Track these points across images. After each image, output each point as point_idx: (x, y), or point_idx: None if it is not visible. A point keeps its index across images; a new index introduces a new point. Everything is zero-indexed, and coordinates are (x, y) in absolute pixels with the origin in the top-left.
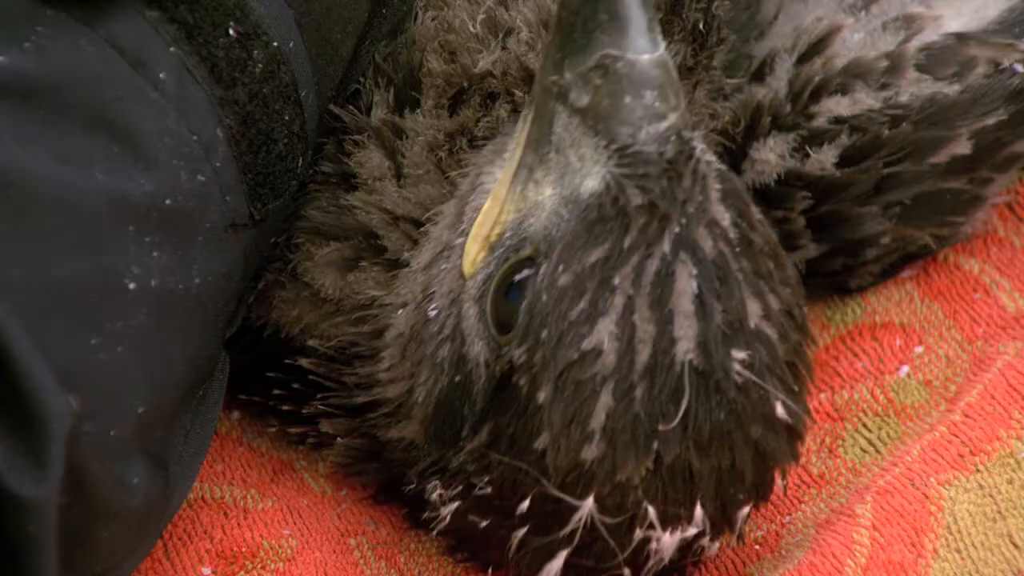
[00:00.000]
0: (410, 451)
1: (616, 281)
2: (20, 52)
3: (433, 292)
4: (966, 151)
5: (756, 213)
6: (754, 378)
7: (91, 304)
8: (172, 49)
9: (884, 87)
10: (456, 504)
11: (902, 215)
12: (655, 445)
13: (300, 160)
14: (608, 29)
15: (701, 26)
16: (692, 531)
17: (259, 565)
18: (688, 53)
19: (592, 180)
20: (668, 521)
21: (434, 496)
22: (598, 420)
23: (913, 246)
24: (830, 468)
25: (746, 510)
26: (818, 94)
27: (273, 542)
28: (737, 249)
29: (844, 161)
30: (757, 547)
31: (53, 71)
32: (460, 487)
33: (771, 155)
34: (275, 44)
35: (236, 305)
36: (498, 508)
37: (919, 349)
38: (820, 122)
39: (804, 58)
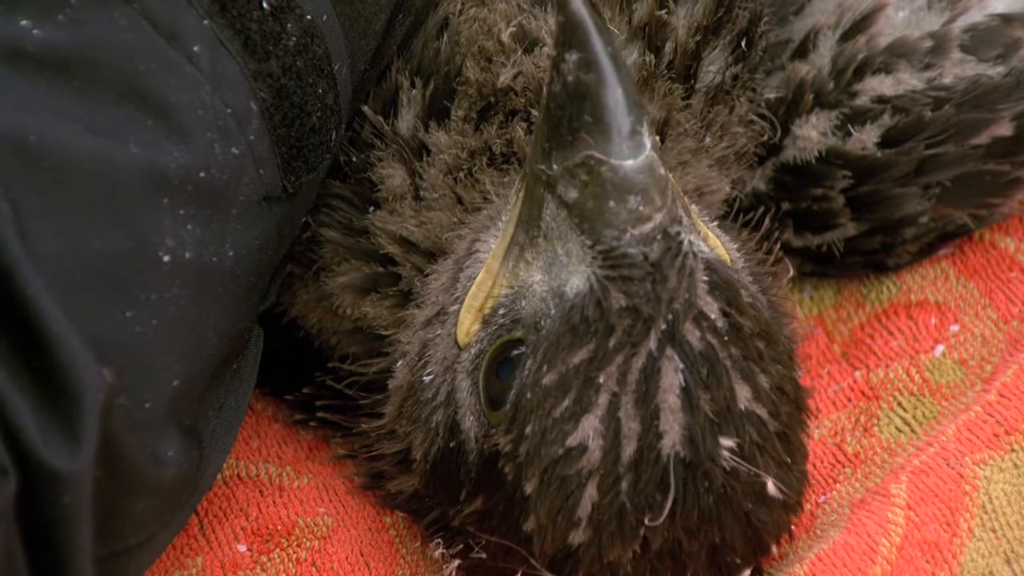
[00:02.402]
0: (414, 503)
1: (601, 380)
2: (54, 25)
3: (429, 356)
4: (1008, 133)
5: (746, 295)
6: (743, 463)
7: (125, 277)
8: (206, 22)
9: (928, 67)
10: (457, 563)
11: (942, 195)
12: (642, 532)
13: (333, 133)
14: (592, 132)
15: (744, 44)
16: None
17: (294, 543)
18: (730, 62)
19: (577, 279)
20: None
21: (437, 553)
22: (584, 510)
23: (951, 226)
24: (865, 447)
25: (746, 572)
26: (861, 72)
27: (309, 520)
28: (726, 338)
29: (886, 142)
30: (792, 527)
31: (87, 44)
32: (460, 547)
33: (813, 132)
34: (308, 17)
35: (269, 279)
36: (494, 574)
37: (955, 328)
38: (863, 101)
39: (848, 35)
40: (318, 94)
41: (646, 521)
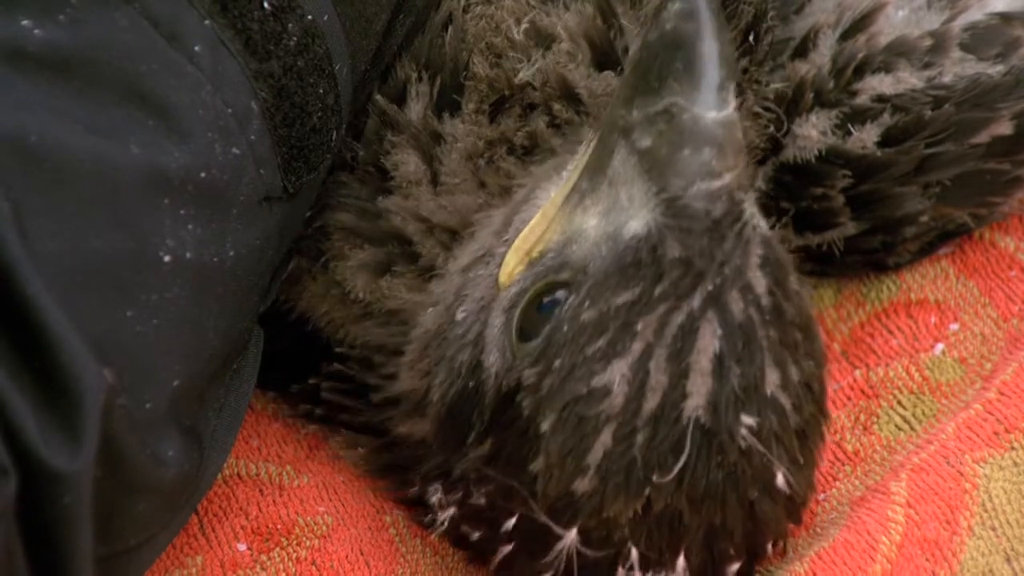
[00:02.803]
0: (418, 449)
1: (639, 327)
2: (55, 25)
3: (466, 295)
4: (1008, 132)
5: (794, 283)
6: (759, 445)
7: (126, 277)
8: (207, 22)
9: (927, 66)
10: (453, 510)
11: (942, 194)
12: (647, 491)
13: (334, 133)
14: (681, 79)
15: (751, 39)
16: None
17: (294, 542)
18: (737, 56)
19: (636, 222)
20: (650, 565)
21: (434, 499)
22: (594, 456)
23: (951, 225)
24: (865, 445)
25: (734, 567)
26: (861, 71)
27: (308, 519)
28: (767, 317)
29: (886, 141)
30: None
31: (88, 44)
32: (459, 494)
33: (813, 131)
34: (309, 17)
35: (270, 279)
36: (488, 521)
37: (954, 326)
38: (863, 99)
39: (848, 34)
40: (319, 94)
41: (653, 479)
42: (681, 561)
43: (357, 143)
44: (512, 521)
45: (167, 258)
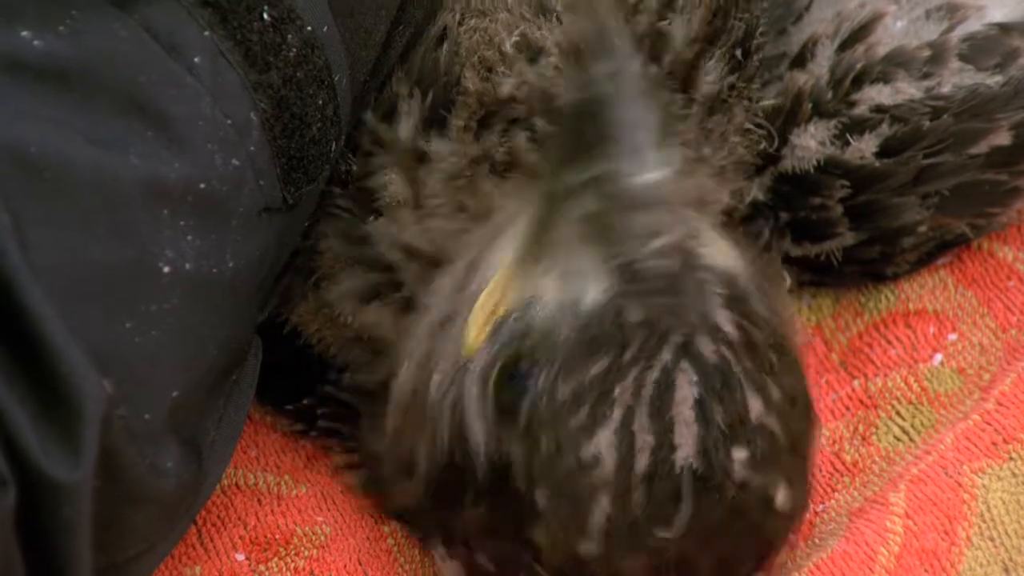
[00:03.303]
0: (415, 509)
1: (616, 393)
2: (55, 36)
3: (435, 362)
4: (1006, 142)
5: (760, 308)
6: (754, 474)
7: (125, 288)
8: (206, 33)
9: (926, 76)
10: (456, 564)
11: (940, 205)
12: (653, 544)
13: (333, 144)
14: (615, 144)
15: (739, 54)
16: None
17: (292, 552)
18: (726, 72)
19: (594, 291)
20: None
21: (437, 553)
22: (596, 522)
23: (950, 235)
24: (863, 456)
25: None
26: (860, 81)
27: (307, 529)
28: (739, 351)
29: (884, 151)
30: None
31: (87, 55)
32: (462, 551)
33: (811, 142)
34: (309, 28)
35: (269, 290)
36: None
37: (952, 337)
38: (861, 110)
39: (846, 44)
40: (318, 105)
41: (657, 534)
42: None
43: (353, 156)
44: None
45: (166, 269)
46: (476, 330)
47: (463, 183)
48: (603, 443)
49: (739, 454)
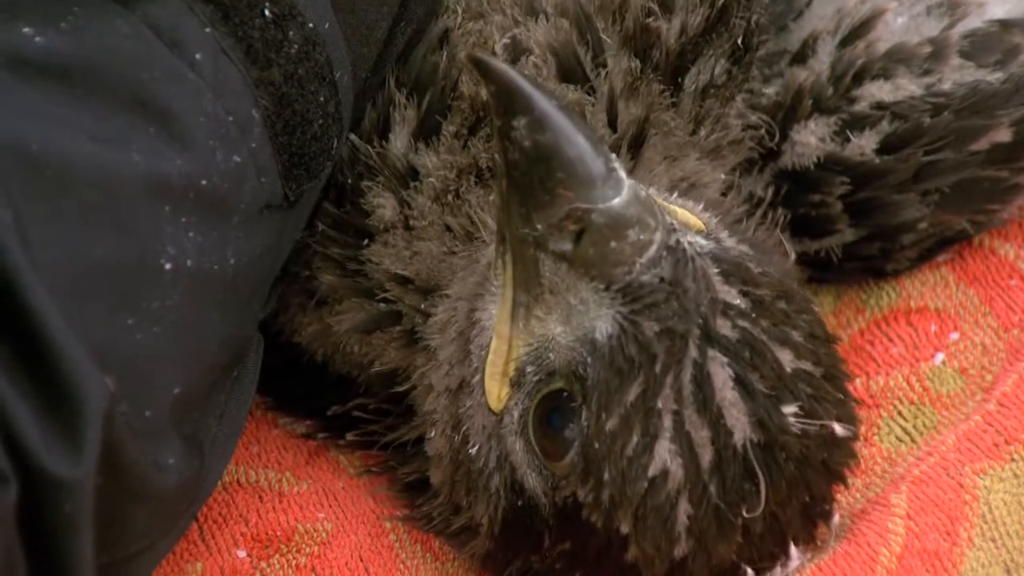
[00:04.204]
0: (490, 561)
1: (659, 405)
2: (57, 33)
3: (467, 429)
4: (1007, 139)
5: (755, 266)
6: (809, 420)
7: (127, 285)
8: (208, 30)
9: (926, 73)
10: None
11: (940, 202)
12: (741, 523)
13: (335, 141)
14: (570, 185)
15: (740, 42)
16: (791, 567)
17: (294, 549)
18: (724, 67)
19: (603, 322)
20: (763, 569)
21: None
22: (682, 524)
23: (950, 231)
24: (866, 457)
25: (836, 518)
26: (860, 78)
27: (308, 525)
28: (753, 315)
29: (884, 148)
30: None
31: (90, 51)
32: None
33: (812, 138)
34: (310, 25)
35: (270, 286)
36: None
37: (954, 335)
38: (862, 106)
39: (847, 41)
40: (320, 102)
41: (744, 513)
42: (792, 549)
43: (350, 169)
44: None
45: (168, 266)
46: (496, 387)
47: (451, 199)
48: (665, 455)
49: (789, 408)
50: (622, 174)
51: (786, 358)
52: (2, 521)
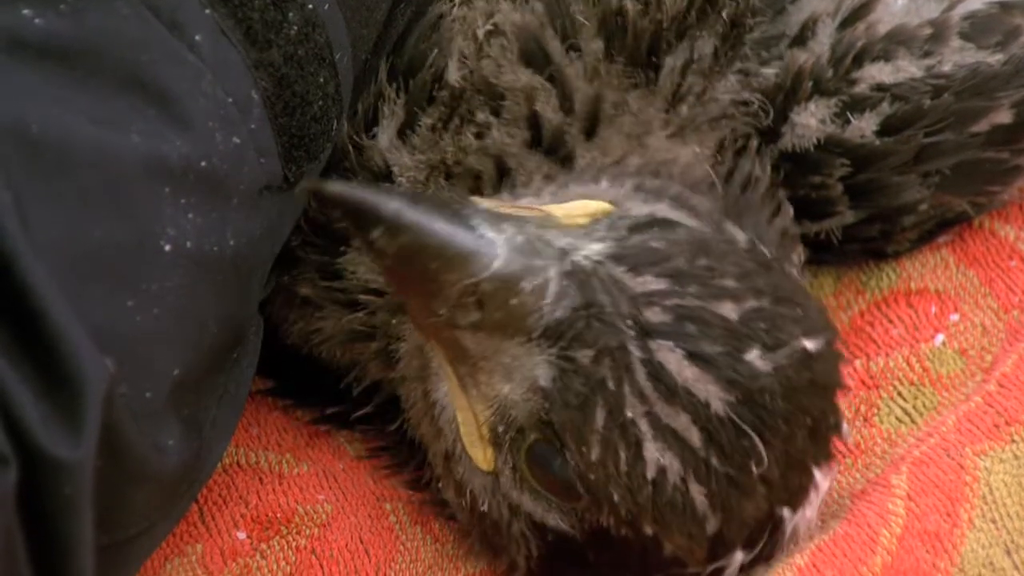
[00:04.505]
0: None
1: (630, 414)
2: (56, 14)
3: (471, 491)
4: (1007, 120)
5: (657, 240)
6: (777, 356)
7: (127, 266)
8: (207, 11)
9: (927, 55)
10: None
11: (941, 183)
12: (756, 478)
13: (334, 122)
14: (447, 269)
15: (728, 21)
16: (824, 487)
17: (294, 530)
18: (715, 47)
19: (541, 369)
20: (799, 503)
21: None
22: (703, 506)
23: (950, 213)
24: (865, 438)
25: (845, 426)
26: (860, 59)
27: (308, 507)
28: (678, 288)
29: (885, 130)
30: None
31: (89, 33)
32: None
33: (812, 120)
34: (310, 6)
35: (270, 268)
36: None
37: (955, 317)
38: (862, 88)
39: (847, 23)
40: (319, 83)
41: (754, 470)
42: (816, 473)
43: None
44: None
45: (168, 247)
46: (480, 451)
47: None
48: (656, 455)
49: (752, 354)
50: (489, 230)
51: (727, 309)
52: (2, 503)
